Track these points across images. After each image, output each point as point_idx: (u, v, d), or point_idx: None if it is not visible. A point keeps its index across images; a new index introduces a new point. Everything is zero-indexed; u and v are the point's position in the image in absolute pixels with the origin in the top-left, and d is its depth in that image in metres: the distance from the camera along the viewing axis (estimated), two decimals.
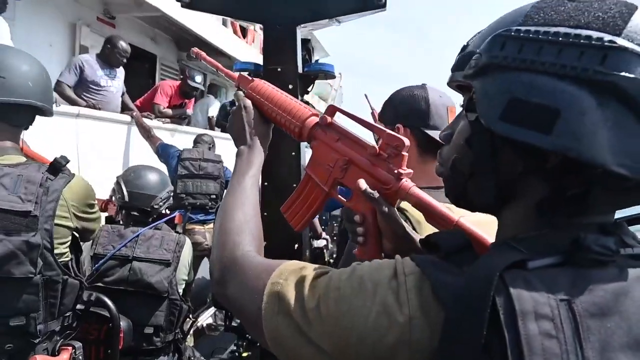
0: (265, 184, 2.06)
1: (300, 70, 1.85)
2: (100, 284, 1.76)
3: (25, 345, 1.22)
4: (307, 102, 2.00)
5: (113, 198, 2.05)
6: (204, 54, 1.22)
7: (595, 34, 0.45)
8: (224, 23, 7.10)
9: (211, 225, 3.36)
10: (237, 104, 0.95)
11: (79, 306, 1.41)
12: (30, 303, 1.19)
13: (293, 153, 1.94)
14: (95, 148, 3.03)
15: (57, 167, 1.29)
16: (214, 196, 3.50)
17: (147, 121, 3.88)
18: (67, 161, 1.32)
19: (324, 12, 1.72)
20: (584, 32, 0.46)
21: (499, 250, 0.50)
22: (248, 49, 7.48)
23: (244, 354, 3.19)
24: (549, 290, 0.44)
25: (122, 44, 3.91)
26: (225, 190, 3.63)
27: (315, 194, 0.87)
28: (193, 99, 5.13)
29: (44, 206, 1.21)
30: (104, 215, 2.02)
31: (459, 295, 0.45)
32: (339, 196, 0.84)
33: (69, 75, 3.66)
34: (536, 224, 0.52)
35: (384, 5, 1.60)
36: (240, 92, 0.98)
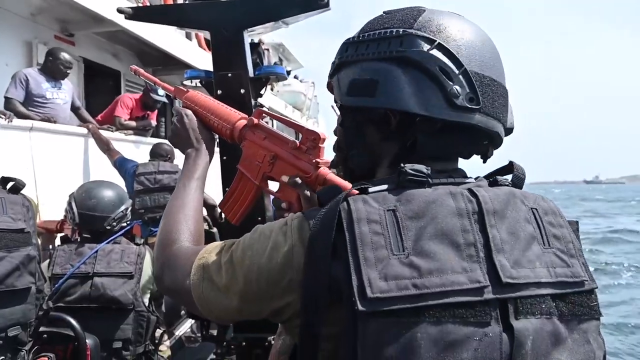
0: (227, 189, 2.04)
1: (251, 74, 1.84)
2: (61, 304, 1.70)
3: (14, 355, 1.29)
4: (261, 105, 1.99)
5: (67, 217, 1.98)
6: (141, 70, 1.23)
7: (396, 30, 0.69)
8: (188, 36, 7.03)
9: None
10: (176, 113, 0.99)
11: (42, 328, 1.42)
12: (27, 312, 1.30)
13: None
14: (51, 162, 2.94)
15: (19, 188, 1.39)
16: None
17: (108, 134, 3.80)
18: (23, 185, 1.43)
19: (269, 15, 1.72)
20: (390, 30, 0.69)
21: (353, 187, 0.66)
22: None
23: None
24: (380, 204, 0.60)
25: (64, 55, 3.87)
26: None
27: (247, 189, 0.93)
28: (156, 111, 5.05)
29: (30, 222, 1.34)
30: (59, 235, 1.95)
31: (319, 217, 0.61)
32: (268, 188, 0.88)
33: (15, 90, 3.57)
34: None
35: (327, 5, 1.61)
36: (177, 103, 1.02)
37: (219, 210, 3.79)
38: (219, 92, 1.84)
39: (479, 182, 0.68)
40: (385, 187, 0.63)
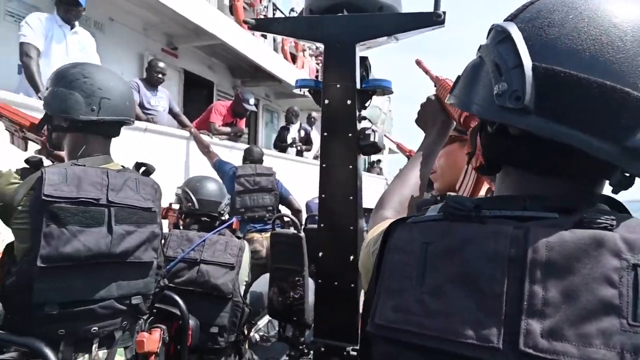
0: (323, 196, 2.08)
1: (358, 86, 1.87)
2: (171, 285, 1.83)
3: (134, 322, 1.39)
4: (364, 118, 2.02)
5: (175, 206, 2.16)
6: (424, 64, 1.26)
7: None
8: (275, 49, 7.34)
9: (268, 234, 3.43)
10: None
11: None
12: (148, 284, 1.39)
13: (350, 166, 1.95)
14: (160, 160, 3.18)
15: (150, 172, 1.50)
16: (270, 208, 3.58)
17: (205, 138, 4.04)
18: (153, 169, 1.52)
19: (384, 30, 1.75)
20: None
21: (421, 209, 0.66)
22: (297, 73, 7.67)
23: None
24: (421, 235, 0.58)
25: (159, 64, 4.16)
26: (277, 201, 3.71)
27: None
28: (244, 119, 5.30)
29: (157, 203, 1.45)
30: (165, 222, 2.10)
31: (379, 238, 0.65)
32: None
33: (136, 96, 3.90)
34: None
35: (442, 22, 1.60)
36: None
37: (304, 215, 3.88)
38: (326, 101, 1.89)
39: (557, 221, 0.53)
40: (434, 215, 0.60)
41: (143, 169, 1.50)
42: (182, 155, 3.78)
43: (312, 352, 3.12)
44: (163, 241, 1.80)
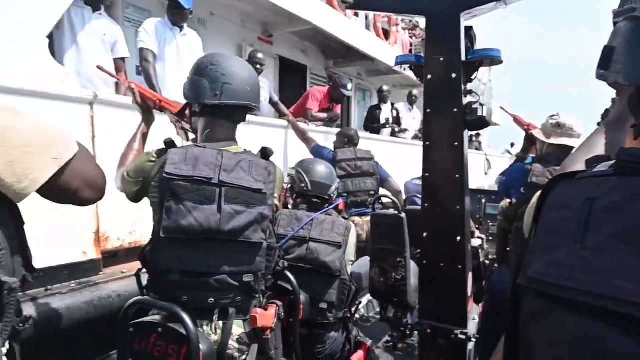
0: (426, 175, 2.05)
1: (463, 58, 1.80)
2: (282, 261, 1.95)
3: (248, 299, 1.46)
4: (470, 91, 1.93)
5: (289, 186, 2.28)
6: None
7: None
8: (367, 27, 7.26)
9: (368, 218, 3.46)
10: None
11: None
12: (259, 264, 1.44)
13: (455, 143, 1.89)
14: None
15: (268, 155, 1.54)
16: (372, 192, 3.59)
17: (302, 125, 4.16)
18: (272, 152, 1.56)
19: None
20: None
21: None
22: (391, 50, 7.51)
23: (399, 345, 3.22)
24: (584, 192, 0.56)
25: (258, 55, 4.29)
26: (378, 184, 3.71)
27: None
28: (340, 104, 5.34)
29: (269, 185, 1.45)
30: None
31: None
32: None
33: None
34: None
35: None
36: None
37: (404, 196, 3.85)
38: (429, 76, 1.85)
39: None
40: (603, 170, 0.57)
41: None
42: (281, 144, 3.94)
43: (415, 333, 3.15)
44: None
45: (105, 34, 3.13)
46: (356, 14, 6.68)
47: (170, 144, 1.45)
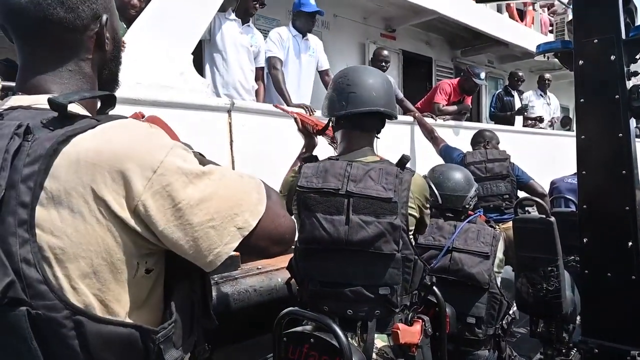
0: (583, 172, 1.87)
1: (623, 36, 1.60)
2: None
3: (387, 313, 1.43)
4: (635, 73, 1.71)
5: None
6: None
7: None
8: (499, 10, 6.79)
9: (507, 224, 3.24)
10: None
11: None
12: (394, 276, 1.42)
13: (619, 134, 1.69)
14: (383, 147, 3.38)
15: (404, 162, 1.50)
16: (506, 196, 3.35)
17: (429, 121, 4.05)
18: (409, 159, 1.51)
19: None
20: None
21: None
22: (527, 32, 6.92)
23: None
24: None
25: (383, 52, 4.29)
26: (514, 188, 3.43)
27: None
28: (470, 96, 5.08)
29: (400, 194, 1.41)
30: None
31: None
32: None
33: None
34: None
35: None
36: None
37: (548, 199, 3.53)
38: (580, 62, 1.68)
39: None
40: None
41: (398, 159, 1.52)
42: (407, 141, 3.90)
43: (573, 351, 2.86)
44: None
45: (251, 45, 3.47)
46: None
47: (307, 159, 1.56)
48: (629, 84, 1.65)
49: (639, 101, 1.60)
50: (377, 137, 1.67)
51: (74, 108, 0.72)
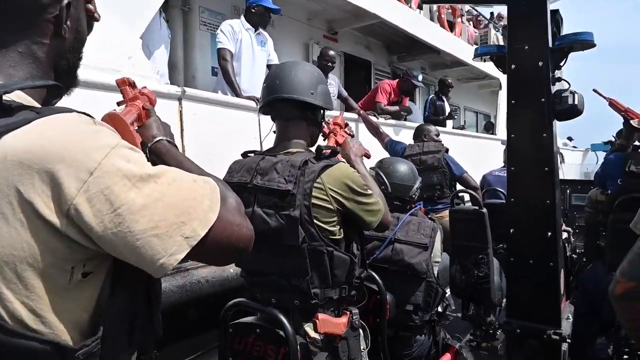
0: (512, 169, 1.98)
1: (550, 44, 1.71)
2: (366, 262, 1.95)
3: (308, 304, 1.39)
4: (559, 79, 1.84)
5: None
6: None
7: None
8: (432, 19, 7.07)
9: (441, 214, 3.38)
10: None
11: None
12: (302, 267, 1.36)
13: (544, 134, 1.81)
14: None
15: (319, 153, 1.43)
16: (438, 186, 3.50)
17: (372, 119, 4.14)
18: (331, 150, 1.46)
19: None
20: None
21: None
22: (456, 41, 7.26)
23: (484, 345, 3.11)
24: None
25: (329, 52, 4.32)
26: (445, 179, 3.58)
27: None
28: (408, 97, 5.25)
29: (302, 185, 1.33)
30: None
31: None
32: None
33: None
34: None
35: None
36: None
37: (480, 191, 3.72)
38: (513, 66, 1.78)
39: None
40: None
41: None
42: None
43: (499, 332, 3.04)
44: None
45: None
46: (420, 7, 6.52)
47: (243, 155, 1.54)
48: (554, 88, 1.78)
49: (562, 105, 1.72)
50: (319, 130, 1.62)
51: (19, 97, 0.64)
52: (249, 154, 1.54)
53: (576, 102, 1.71)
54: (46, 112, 0.63)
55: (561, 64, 1.79)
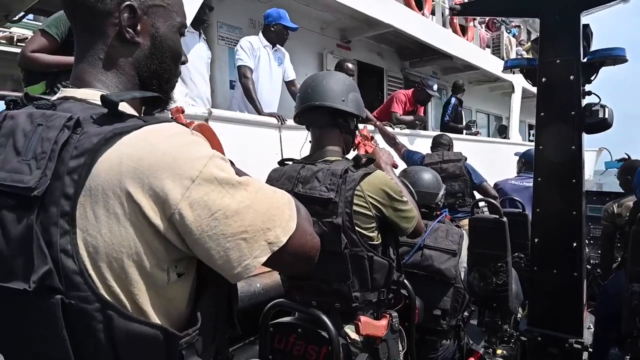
0: (539, 179, 1.97)
1: (582, 59, 1.71)
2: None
3: (348, 307, 1.41)
4: (589, 92, 1.83)
5: None
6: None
7: None
8: (444, 24, 7.07)
9: (462, 222, 3.37)
10: None
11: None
12: (344, 272, 1.39)
13: (573, 147, 1.80)
14: (350, 155, 3.44)
15: (358, 162, 1.43)
16: (459, 194, 3.50)
17: (389, 129, 4.14)
18: (361, 159, 1.44)
19: None
20: None
21: None
22: (468, 46, 7.26)
23: (499, 352, 3.11)
24: None
25: (348, 65, 4.31)
26: (466, 187, 3.58)
27: None
28: (423, 106, 5.24)
29: (345, 194, 1.35)
30: None
31: None
32: None
33: None
34: None
35: None
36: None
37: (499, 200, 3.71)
38: (544, 79, 1.78)
39: None
40: None
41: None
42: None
43: (513, 339, 3.03)
44: None
45: (209, 56, 3.38)
46: (433, 12, 6.53)
47: (280, 162, 1.54)
48: (583, 102, 1.77)
49: (592, 118, 1.72)
50: (352, 138, 1.62)
51: (123, 106, 0.68)
52: (286, 162, 1.55)
53: (606, 116, 1.71)
54: (151, 121, 0.67)
55: (592, 77, 1.79)
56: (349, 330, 1.42)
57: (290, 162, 1.55)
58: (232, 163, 0.88)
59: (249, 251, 0.68)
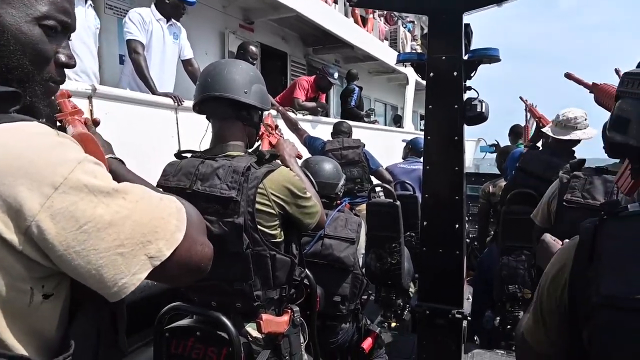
0: (427, 167, 2.11)
1: (464, 56, 1.84)
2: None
3: (250, 306, 1.38)
4: (469, 88, 1.99)
5: None
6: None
7: None
8: (346, 14, 7.21)
9: (360, 207, 3.50)
10: None
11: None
12: (246, 272, 1.35)
13: (455, 137, 1.95)
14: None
15: (261, 158, 1.38)
16: (358, 180, 3.63)
17: (291, 115, 4.13)
18: (272, 154, 1.41)
19: None
20: None
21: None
22: (369, 37, 7.51)
23: (393, 324, 3.34)
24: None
25: (252, 48, 4.15)
26: (365, 173, 3.73)
27: None
28: (325, 93, 5.31)
29: (245, 192, 1.29)
30: None
31: None
32: None
33: None
34: None
35: None
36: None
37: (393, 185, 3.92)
38: (431, 74, 1.89)
39: None
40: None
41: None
42: None
43: (405, 313, 3.28)
44: None
45: (97, 26, 3.01)
46: (335, 1, 6.61)
47: (177, 155, 1.44)
48: (465, 96, 1.92)
49: (472, 112, 1.87)
50: (257, 131, 1.55)
51: None
52: (183, 155, 1.44)
53: (483, 110, 1.87)
54: (4, 119, 0.56)
55: (472, 74, 1.94)
56: (250, 328, 1.39)
57: (189, 155, 1.44)
58: (122, 162, 0.78)
59: (126, 267, 0.60)
